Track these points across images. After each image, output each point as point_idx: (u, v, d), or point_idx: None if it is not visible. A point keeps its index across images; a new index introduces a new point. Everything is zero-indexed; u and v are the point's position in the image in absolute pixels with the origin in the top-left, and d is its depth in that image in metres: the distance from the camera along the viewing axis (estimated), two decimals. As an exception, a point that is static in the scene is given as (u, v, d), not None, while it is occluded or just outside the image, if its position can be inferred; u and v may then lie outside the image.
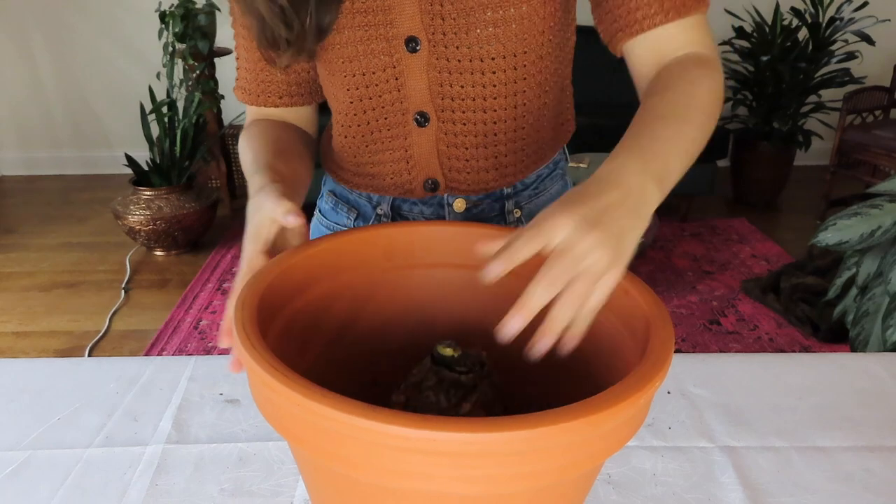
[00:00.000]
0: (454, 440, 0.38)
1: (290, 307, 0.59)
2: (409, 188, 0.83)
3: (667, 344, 0.48)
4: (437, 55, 0.74)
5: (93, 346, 2.43)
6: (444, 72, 0.75)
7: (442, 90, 0.76)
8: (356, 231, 0.66)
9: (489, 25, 0.72)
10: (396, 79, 0.76)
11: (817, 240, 1.84)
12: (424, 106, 0.77)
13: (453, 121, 0.78)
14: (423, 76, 0.75)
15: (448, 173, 0.82)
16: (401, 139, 0.80)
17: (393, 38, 0.73)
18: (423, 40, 0.73)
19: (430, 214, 0.86)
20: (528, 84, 0.77)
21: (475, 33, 0.72)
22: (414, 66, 0.75)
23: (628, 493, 0.68)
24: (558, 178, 0.91)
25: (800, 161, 3.85)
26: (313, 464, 0.49)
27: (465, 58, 0.73)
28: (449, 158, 0.81)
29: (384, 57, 0.74)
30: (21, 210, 3.67)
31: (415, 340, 0.65)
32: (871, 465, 0.71)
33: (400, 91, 0.76)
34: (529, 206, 0.88)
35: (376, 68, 0.75)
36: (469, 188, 0.83)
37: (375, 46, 0.74)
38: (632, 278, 0.55)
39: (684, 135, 0.59)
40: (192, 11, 2.94)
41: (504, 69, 0.74)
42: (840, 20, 3.37)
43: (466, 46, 0.73)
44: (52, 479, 0.69)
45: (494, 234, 0.65)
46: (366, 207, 0.87)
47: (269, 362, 0.44)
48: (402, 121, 0.79)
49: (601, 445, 0.44)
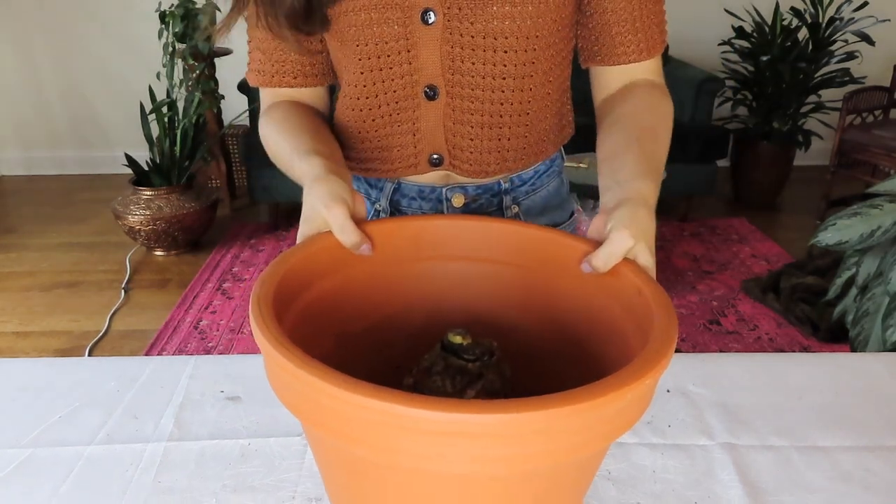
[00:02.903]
0: (465, 421, 0.39)
1: (312, 291, 0.60)
2: (414, 162, 0.83)
3: (671, 332, 0.50)
4: (451, 29, 0.74)
5: (93, 346, 2.43)
6: (457, 46, 0.75)
7: (453, 65, 0.76)
8: (385, 221, 0.68)
9: (506, 3, 0.73)
10: (409, 51, 0.76)
11: (817, 240, 1.84)
12: (435, 79, 0.78)
13: (462, 97, 0.79)
14: (436, 49, 0.76)
15: (452, 150, 0.82)
16: (409, 111, 0.80)
17: (408, 9, 0.74)
18: (439, 13, 0.74)
19: (428, 210, 0.86)
20: (536, 70, 0.78)
21: (491, 10, 0.73)
22: (427, 39, 0.75)
23: (628, 490, 0.68)
24: (555, 176, 0.92)
25: (800, 161, 3.84)
26: (328, 446, 0.50)
27: (478, 34, 0.74)
28: (454, 135, 0.81)
29: (397, 27, 0.74)
30: (21, 210, 3.67)
31: (434, 329, 0.66)
32: (870, 464, 0.72)
33: (411, 63, 0.77)
34: (527, 202, 0.89)
35: (389, 38, 0.75)
36: (471, 168, 0.83)
37: (390, 15, 0.74)
38: (645, 278, 0.56)
39: (666, 146, 0.76)
40: (192, 11, 2.94)
41: (516, 49, 0.76)
42: (840, 20, 3.37)
43: (482, 22, 0.74)
44: (54, 477, 0.69)
45: (520, 230, 0.67)
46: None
47: (285, 346, 0.45)
48: (411, 93, 0.79)
49: (610, 427, 0.45)
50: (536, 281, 0.66)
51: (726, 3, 3.69)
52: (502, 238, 0.67)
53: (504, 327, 0.67)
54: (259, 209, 3.47)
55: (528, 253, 0.66)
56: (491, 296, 0.68)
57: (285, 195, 3.16)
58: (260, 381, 0.83)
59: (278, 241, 3.24)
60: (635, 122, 0.75)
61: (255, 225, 3.40)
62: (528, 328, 0.67)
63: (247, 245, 3.20)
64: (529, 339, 0.67)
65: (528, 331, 0.67)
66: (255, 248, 3.18)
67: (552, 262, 0.64)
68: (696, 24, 3.86)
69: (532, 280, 0.66)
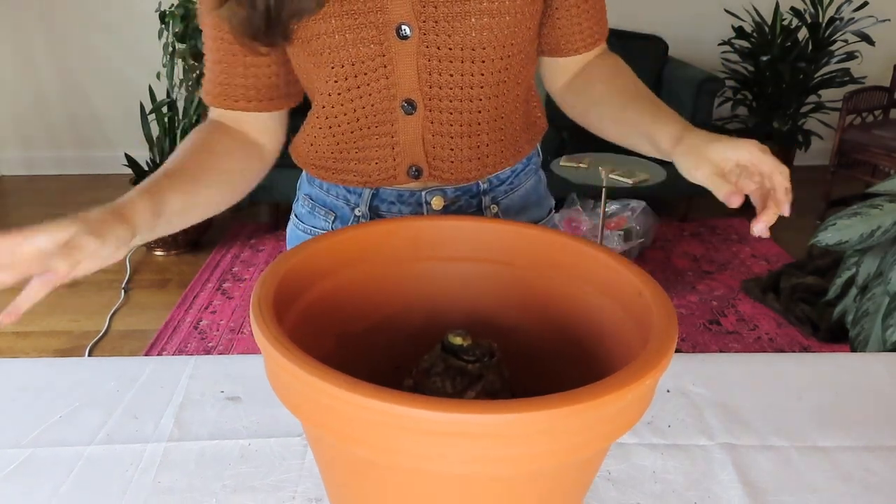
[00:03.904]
0: (465, 422, 0.40)
1: (312, 292, 0.60)
2: (393, 174, 0.83)
3: (671, 332, 0.50)
4: (428, 43, 0.74)
5: (93, 346, 2.43)
6: (434, 59, 0.75)
7: (430, 78, 0.76)
8: (385, 222, 0.68)
9: (484, 15, 0.72)
10: (385, 66, 0.75)
11: (817, 240, 1.84)
12: (412, 93, 0.77)
13: (440, 109, 0.78)
14: (412, 63, 0.75)
15: (432, 161, 0.82)
16: (387, 125, 0.80)
17: (383, 25, 0.73)
18: (414, 27, 0.73)
19: (408, 213, 0.86)
20: (510, 75, 0.79)
21: (469, 22, 0.73)
22: (403, 53, 0.74)
23: (628, 490, 0.68)
24: (532, 173, 0.93)
25: (800, 161, 3.84)
26: (328, 446, 0.50)
27: (456, 46, 0.74)
28: (434, 147, 0.81)
29: (373, 46, 0.73)
30: (21, 210, 3.67)
31: (434, 329, 0.66)
32: (870, 464, 0.72)
33: (388, 79, 0.76)
34: (506, 202, 0.89)
35: (365, 57, 0.74)
36: (451, 177, 0.83)
37: (365, 34, 0.73)
38: (645, 278, 0.56)
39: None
40: (191, 11, 2.94)
41: (493, 59, 0.76)
42: (840, 20, 3.37)
43: (459, 35, 0.73)
44: (54, 477, 0.69)
45: (520, 231, 0.67)
46: (343, 210, 0.87)
47: (286, 346, 0.45)
48: (388, 108, 0.78)
49: (610, 427, 0.45)
50: (536, 281, 0.66)
51: (726, 3, 3.69)
52: (502, 238, 0.67)
53: (504, 327, 0.67)
54: (259, 209, 3.47)
55: (528, 253, 0.66)
56: (491, 296, 0.68)
57: (285, 195, 3.12)
58: (260, 381, 0.83)
59: (278, 241, 3.24)
60: (620, 81, 0.83)
61: (255, 225, 3.40)
62: (528, 328, 0.67)
63: (247, 245, 3.20)
64: (529, 339, 0.67)
65: (528, 331, 0.67)
66: (255, 248, 3.18)
67: (552, 263, 0.64)
68: (696, 24, 3.86)
69: (532, 280, 0.66)
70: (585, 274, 0.62)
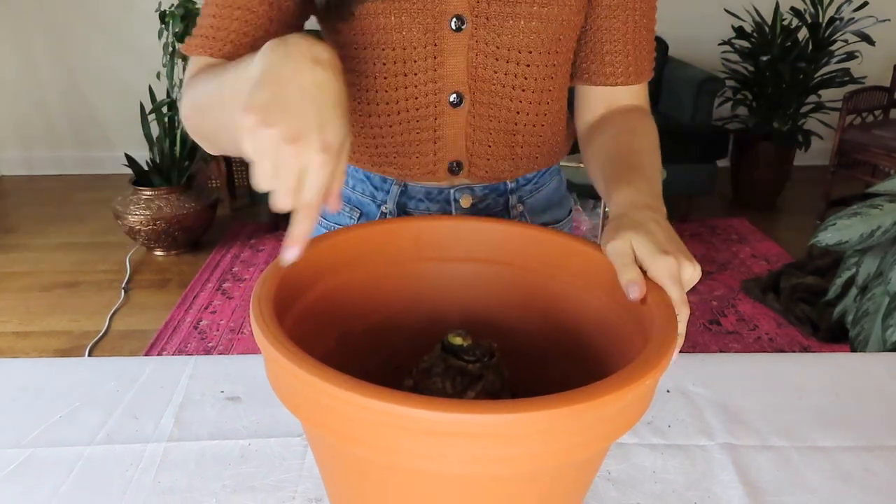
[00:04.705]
0: (466, 422, 0.40)
1: (312, 291, 0.60)
2: (433, 169, 0.82)
3: (671, 332, 0.50)
4: (479, 38, 0.75)
5: (93, 346, 2.43)
6: (482, 55, 0.76)
7: (477, 73, 0.77)
8: (386, 222, 0.68)
9: (533, 19, 0.74)
10: (435, 57, 0.75)
11: (817, 240, 1.84)
12: (461, 87, 0.77)
13: (482, 103, 0.79)
14: (463, 57, 0.76)
15: (471, 158, 0.82)
16: (431, 119, 0.79)
17: (439, 14, 0.73)
18: (469, 20, 0.74)
19: (436, 211, 0.86)
20: (554, 84, 0.80)
21: (519, 23, 0.74)
22: (455, 46, 0.75)
23: (628, 490, 0.68)
24: (555, 174, 0.94)
25: (800, 161, 3.85)
26: (328, 446, 0.50)
27: (504, 45, 0.75)
28: (474, 143, 0.81)
29: (426, 33, 0.74)
30: (21, 210, 3.67)
31: (434, 329, 0.66)
32: (870, 464, 0.72)
33: (436, 70, 0.76)
34: (531, 201, 0.89)
35: (417, 43, 0.74)
36: (486, 175, 0.83)
37: (420, 20, 0.73)
38: (648, 282, 0.56)
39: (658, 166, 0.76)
40: (192, 11, 2.94)
41: (538, 64, 0.77)
42: (840, 20, 3.37)
43: (508, 35, 0.74)
44: (54, 477, 0.69)
45: (520, 231, 0.67)
46: (369, 206, 0.87)
47: (286, 346, 0.45)
48: (434, 100, 0.78)
49: (610, 427, 0.45)
50: (536, 281, 0.66)
51: (726, 3, 3.69)
52: (502, 238, 0.67)
53: (504, 327, 0.67)
54: (259, 209, 3.47)
55: (528, 253, 0.66)
56: (491, 296, 0.68)
57: (285, 195, 3.15)
58: (260, 381, 0.83)
59: (278, 241, 3.24)
60: (641, 151, 0.74)
61: (255, 225, 3.40)
62: (528, 328, 0.67)
63: (247, 245, 3.20)
64: (529, 339, 0.67)
65: (528, 331, 0.67)
66: (255, 248, 3.18)
67: (552, 263, 0.65)
68: (696, 24, 3.86)
69: (532, 280, 0.66)
70: (585, 274, 0.62)
